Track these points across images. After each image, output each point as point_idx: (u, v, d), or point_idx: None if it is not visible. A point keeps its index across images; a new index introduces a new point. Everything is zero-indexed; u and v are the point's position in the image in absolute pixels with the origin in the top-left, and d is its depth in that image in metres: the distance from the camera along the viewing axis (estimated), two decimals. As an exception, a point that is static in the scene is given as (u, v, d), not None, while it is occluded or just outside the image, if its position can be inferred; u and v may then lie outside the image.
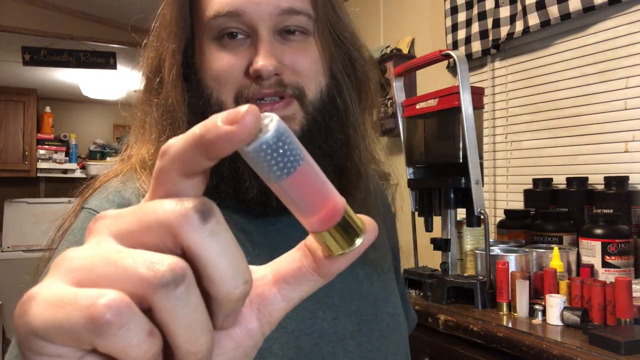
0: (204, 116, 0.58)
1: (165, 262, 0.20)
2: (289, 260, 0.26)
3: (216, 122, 0.21)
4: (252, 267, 0.26)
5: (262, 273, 0.26)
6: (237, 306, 0.22)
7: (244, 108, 0.21)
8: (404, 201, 0.80)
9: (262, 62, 0.54)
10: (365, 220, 0.25)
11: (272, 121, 0.22)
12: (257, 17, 0.55)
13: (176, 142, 0.22)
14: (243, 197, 0.56)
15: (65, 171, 4.74)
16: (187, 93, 0.58)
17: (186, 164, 0.22)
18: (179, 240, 0.21)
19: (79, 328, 0.19)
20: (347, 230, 0.24)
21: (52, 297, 0.20)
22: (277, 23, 0.56)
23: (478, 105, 1.45)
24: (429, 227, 1.57)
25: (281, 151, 0.22)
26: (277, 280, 0.26)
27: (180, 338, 0.20)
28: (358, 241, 0.25)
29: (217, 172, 0.57)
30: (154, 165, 0.23)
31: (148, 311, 0.20)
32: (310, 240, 0.26)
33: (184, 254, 0.21)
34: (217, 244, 0.21)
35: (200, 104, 0.58)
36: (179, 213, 0.21)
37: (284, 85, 0.56)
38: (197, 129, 0.21)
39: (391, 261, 0.73)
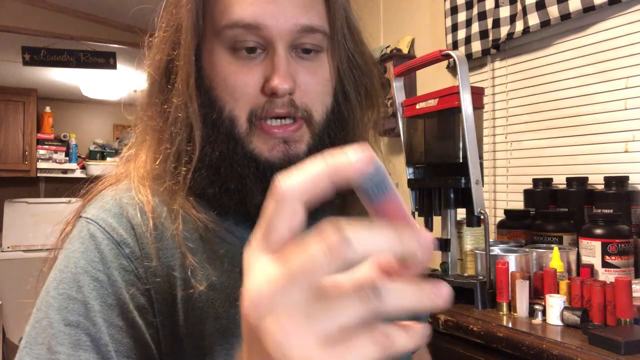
0: (214, 128, 0.58)
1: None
2: None
3: (347, 157, 0.27)
4: None
5: None
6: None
7: (364, 153, 0.27)
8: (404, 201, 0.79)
9: (278, 80, 0.54)
10: None
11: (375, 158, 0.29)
12: (275, 32, 0.55)
13: (301, 175, 0.27)
14: (247, 211, 0.57)
15: (65, 171, 4.73)
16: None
17: (314, 191, 0.27)
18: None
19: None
20: None
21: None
22: (295, 39, 0.56)
23: (478, 105, 1.45)
24: (429, 227, 1.57)
25: (378, 178, 0.28)
26: None
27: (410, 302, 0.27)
28: None
29: (221, 184, 0.57)
30: (156, 177, 0.24)
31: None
32: None
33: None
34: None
35: (209, 114, 0.57)
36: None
37: (296, 106, 0.57)
38: (324, 162, 0.27)
39: None
